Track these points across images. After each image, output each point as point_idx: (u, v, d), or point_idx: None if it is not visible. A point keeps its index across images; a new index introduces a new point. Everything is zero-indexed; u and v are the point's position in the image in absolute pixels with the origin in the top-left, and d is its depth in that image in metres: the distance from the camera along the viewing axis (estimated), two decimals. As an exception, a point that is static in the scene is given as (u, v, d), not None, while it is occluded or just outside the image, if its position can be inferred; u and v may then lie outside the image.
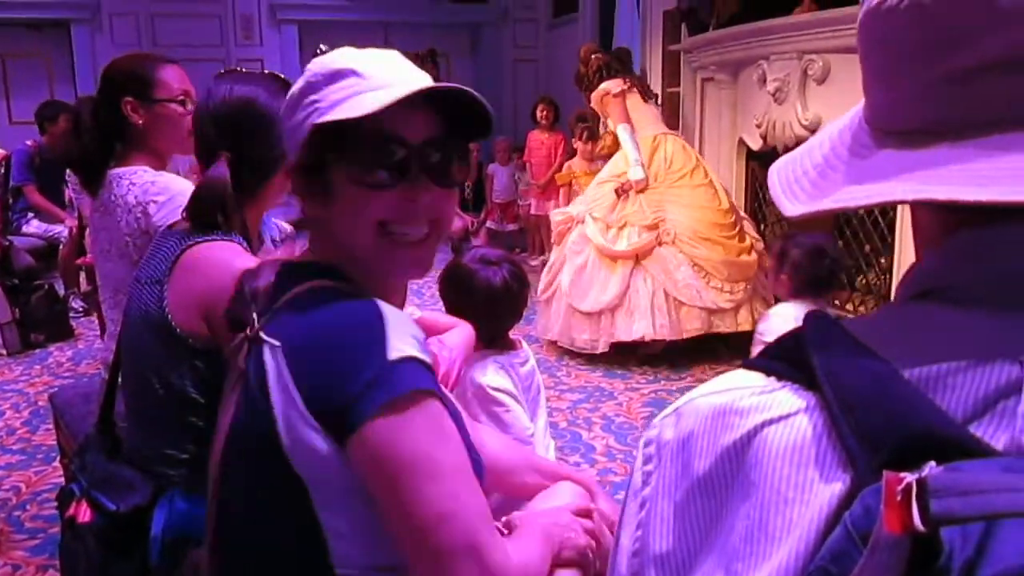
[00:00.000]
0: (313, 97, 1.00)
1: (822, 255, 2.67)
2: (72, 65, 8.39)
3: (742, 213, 4.63)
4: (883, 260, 4.11)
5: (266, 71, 1.68)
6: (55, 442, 2.83)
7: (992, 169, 0.47)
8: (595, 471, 3.21)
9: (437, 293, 1.89)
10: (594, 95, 5.00)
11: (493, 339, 1.86)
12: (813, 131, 4.15)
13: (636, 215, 4.42)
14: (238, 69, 1.66)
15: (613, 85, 4.91)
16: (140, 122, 1.99)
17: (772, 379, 0.53)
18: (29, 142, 5.95)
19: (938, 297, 0.52)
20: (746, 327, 4.21)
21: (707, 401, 0.55)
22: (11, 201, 5.78)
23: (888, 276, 4.01)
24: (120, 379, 1.57)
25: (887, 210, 3.97)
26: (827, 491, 0.47)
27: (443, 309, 1.87)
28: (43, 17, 8.23)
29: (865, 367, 0.48)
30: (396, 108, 0.95)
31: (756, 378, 0.54)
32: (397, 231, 1.01)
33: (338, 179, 1.00)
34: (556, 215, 4.99)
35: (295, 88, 1.04)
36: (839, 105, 3.98)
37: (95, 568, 1.41)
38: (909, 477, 0.39)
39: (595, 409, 3.80)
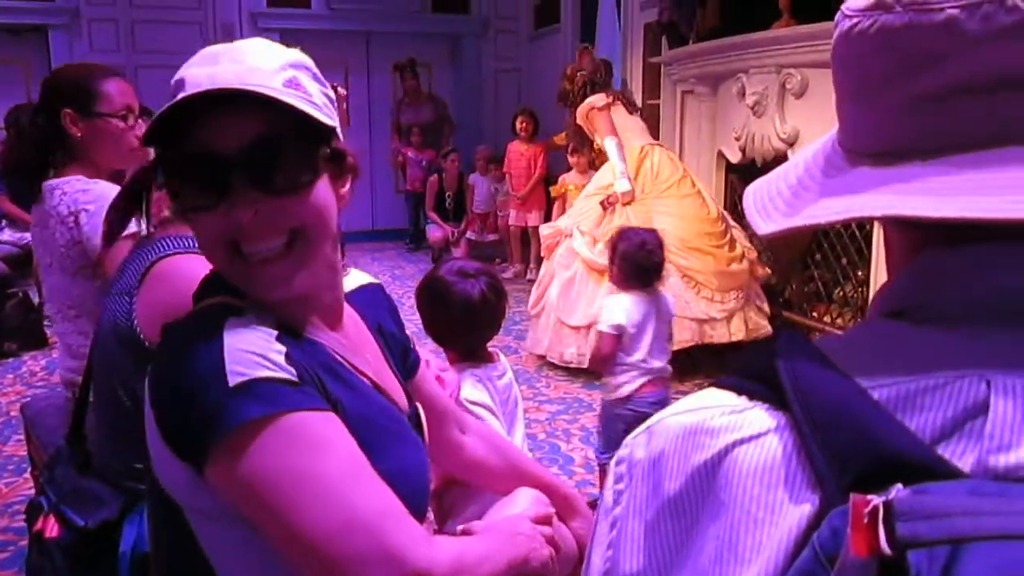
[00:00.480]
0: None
1: (645, 248, 2.84)
2: (50, 70, 8.31)
3: (731, 222, 4.64)
4: (860, 273, 4.15)
5: None
6: (27, 453, 2.79)
7: (954, 186, 0.47)
8: (573, 483, 3.21)
9: (415, 306, 1.88)
10: (579, 110, 5.03)
11: (471, 352, 1.85)
12: (791, 144, 4.20)
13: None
14: None
15: (597, 99, 4.94)
16: (79, 135, 1.95)
17: (743, 398, 0.52)
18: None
19: (907, 316, 0.52)
20: (740, 336, 4.21)
21: (678, 420, 0.54)
22: (-16, 208, 5.72)
23: (865, 288, 4.04)
24: (91, 392, 1.55)
25: (863, 223, 4.01)
26: (796, 512, 0.47)
27: (419, 322, 1.86)
28: (22, 22, 8.16)
29: (835, 387, 0.47)
30: (205, 117, 0.87)
31: (727, 397, 0.53)
32: (245, 250, 0.91)
33: (177, 204, 0.94)
34: (545, 229, 4.96)
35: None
36: (817, 119, 4.02)
37: None
38: (876, 500, 0.39)
39: (574, 420, 3.79)
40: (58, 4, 8.22)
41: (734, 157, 4.81)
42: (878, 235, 3.80)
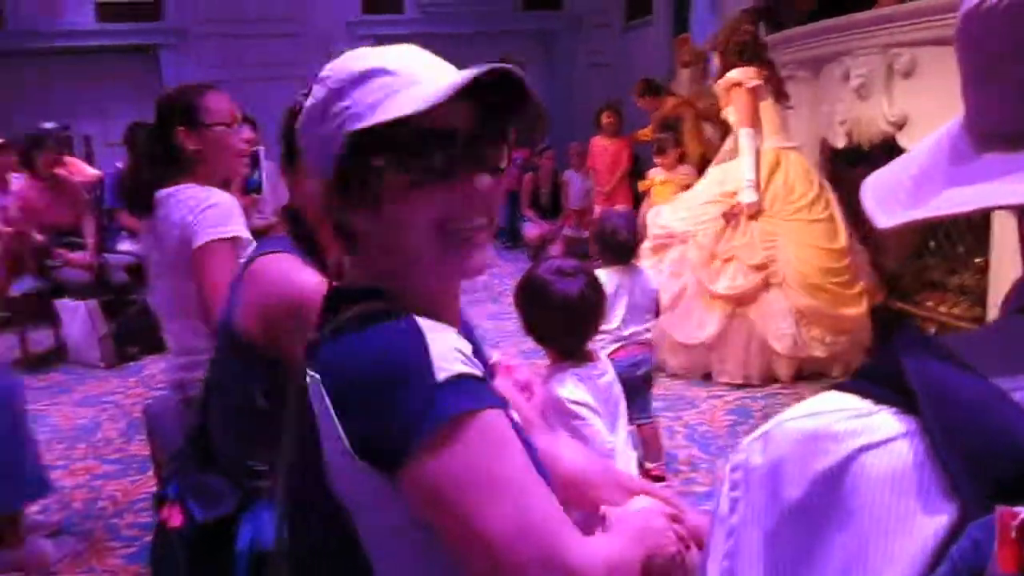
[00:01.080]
0: (342, 104, 0.94)
1: (613, 231, 3.19)
2: (161, 87, 8.74)
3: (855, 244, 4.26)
4: (978, 260, 3.94)
5: None
6: (149, 453, 2.93)
7: None
8: (678, 481, 3.16)
9: (514, 305, 1.88)
10: (722, 81, 4.41)
11: (571, 352, 1.84)
12: (900, 127, 4.02)
13: (745, 250, 4.05)
14: None
15: (747, 76, 4.29)
16: (192, 148, 2.08)
17: (868, 402, 0.49)
18: (119, 164, 6.19)
19: None
20: (833, 373, 4.04)
21: (797, 425, 0.52)
22: (106, 222, 6.02)
23: (983, 277, 3.83)
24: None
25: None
26: (931, 523, 0.44)
27: (519, 321, 1.86)
28: (135, 43, 8.60)
29: (969, 388, 0.44)
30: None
31: (850, 400, 0.51)
32: (460, 226, 0.94)
33: (388, 184, 0.94)
34: (655, 227, 4.43)
35: (316, 98, 0.97)
36: (927, 99, 3.83)
37: (182, 573, 1.44)
38: (1022, 511, 0.36)
39: (677, 418, 3.74)
40: (168, 24, 8.62)
41: (839, 142, 4.64)
42: (1000, 222, 3.60)
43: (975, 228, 3.90)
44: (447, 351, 0.88)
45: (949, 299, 4.16)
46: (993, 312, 3.74)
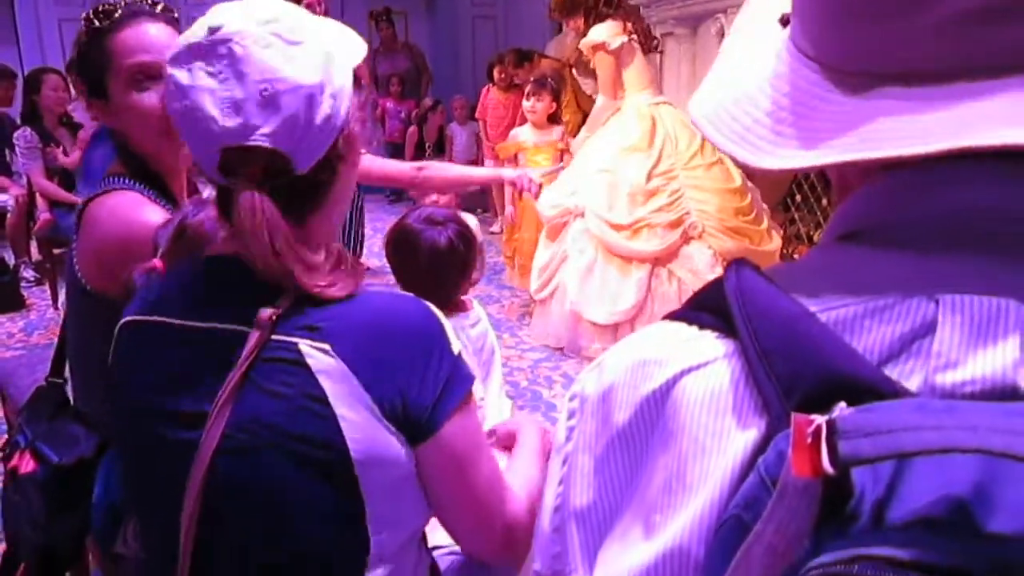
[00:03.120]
0: (343, 48, 0.97)
1: None
2: (15, 29, 8.14)
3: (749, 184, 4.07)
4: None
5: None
6: (2, 414, 2.77)
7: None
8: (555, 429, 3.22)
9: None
10: (584, 43, 4.10)
11: (440, 302, 1.83)
12: (770, 85, 4.14)
13: (656, 215, 3.74)
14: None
15: (611, 34, 3.94)
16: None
17: (694, 328, 0.51)
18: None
19: (861, 238, 0.50)
20: None
21: (628, 353, 0.53)
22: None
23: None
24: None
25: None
26: (743, 438, 0.46)
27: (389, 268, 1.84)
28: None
29: (782, 311, 0.46)
30: None
31: (678, 327, 0.52)
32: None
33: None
34: (547, 207, 4.02)
35: (325, 44, 0.93)
36: (796, 58, 3.97)
37: (38, 521, 1.38)
38: (818, 419, 0.38)
39: (556, 368, 3.80)
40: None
41: (714, 100, 4.76)
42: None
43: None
44: (449, 326, 0.96)
45: (814, 252, 4.36)
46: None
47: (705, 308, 0.51)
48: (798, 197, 4.42)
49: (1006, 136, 0.41)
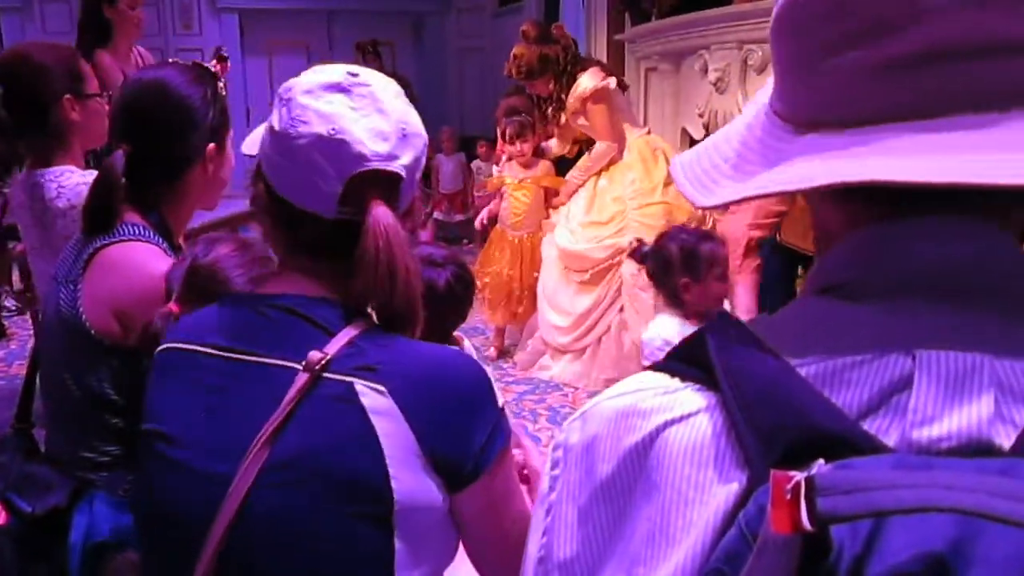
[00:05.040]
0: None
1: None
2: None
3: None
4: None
5: (190, 62, 1.57)
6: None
7: (915, 152, 0.45)
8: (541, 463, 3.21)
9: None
10: (577, 96, 3.97)
11: (437, 339, 1.83)
12: (753, 120, 4.19)
13: None
14: (171, 60, 1.57)
15: (591, 82, 3.86)
16: (77, 119, 1.90)
17: (676, 380, 0.52)
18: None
19: (838, 293, 0.51)
20: None
21: (611, 404, 0.54)
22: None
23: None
24: (38, 380, 1.51)
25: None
26: (724, 491, 0.46)
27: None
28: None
29: (762, 365, 0.47)
30: None
31: (660, 379, 0.53)
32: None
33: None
34: (599, 250, 3.86)
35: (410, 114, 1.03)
36: (778, 94, 4.02)
37: (12, 573, 1.36)
38: (797, 475, 0.39)
39: (541, 401, 3.80)
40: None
41: (698, 134, 4.81)
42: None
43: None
44: (492, 378, 0.99)
45: (799, 284, 4.40)
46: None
47: (687, 360, 0.52)
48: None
49: (870, 173, 0.45)
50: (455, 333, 1.90)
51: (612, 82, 3.98)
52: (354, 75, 0.99)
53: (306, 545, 0.90)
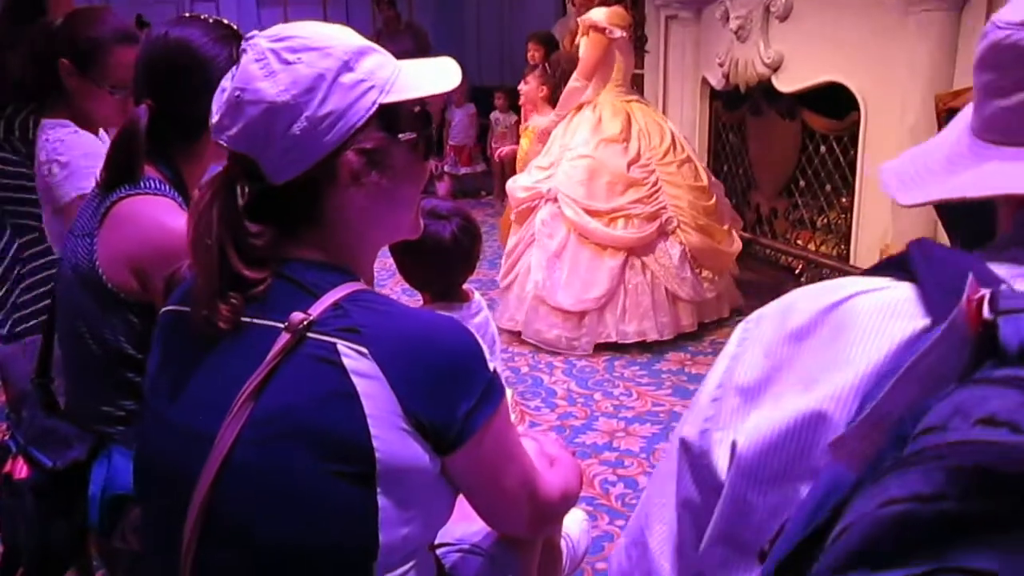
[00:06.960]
0: (356, 76, 0.97)
1: None
2: None
3: (715, 179, 4.17)
4: (844, 200, 4.12)
5: (212, 19, 1.49)
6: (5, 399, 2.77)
7: None
8: (555, 415, 3.23)
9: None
10: (584, 18, 4.03)
11: (443, 293, 1.82)
12: (775, 69, 4.12)
13: (635, 206, 3.75)
14: (192, 15, 1.52)
15: (612, 22, 3.93)
16: (72, 87, 1.87)
17: (874, 277, 0.63)
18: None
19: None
20: (725, 314, 3.99)
21: (810, 287, 0.66)
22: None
23: (848, 215, 4.02)
24: (56, 334, 1.52)
25: (848, 149, 3.96)
26: (902, 327, 0.57)
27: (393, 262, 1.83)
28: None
29: (957, 256, 0.57)
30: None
31: (861, 277, 0.64)
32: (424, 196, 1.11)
33: (404, 158, 1.02)
34: (518, 189, 4.02)
35: (320, 68, 0.95)
36: (802, 42, 3.94)
37: (34, 525, 1.39)
38: (985, 291, 0.49)
39: (557, 353, 3.79)
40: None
41: (717, 83, 4.73)
42: (861, 162, 3.78)
43: (840, 168, 4.07)
44: (481, 342, 0.97)
45: (818, 237, 4.36)
46: (857, 248, 3.93)
47: (888, 265, 0.63)
48: (802, 183, 4.40)
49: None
50: (464, 286, 1.88)
51: (616, 33, 3.94)
52: (250, 37, 1.00)
53: (288, 500, 0.91)
